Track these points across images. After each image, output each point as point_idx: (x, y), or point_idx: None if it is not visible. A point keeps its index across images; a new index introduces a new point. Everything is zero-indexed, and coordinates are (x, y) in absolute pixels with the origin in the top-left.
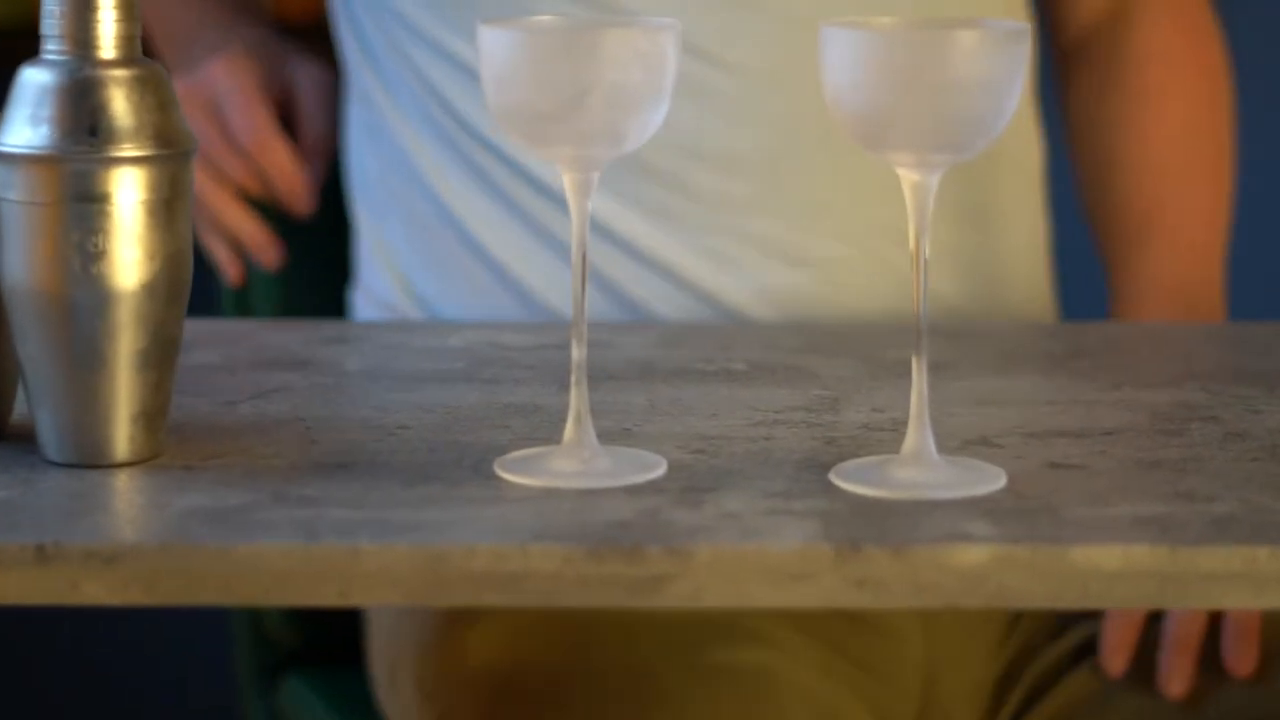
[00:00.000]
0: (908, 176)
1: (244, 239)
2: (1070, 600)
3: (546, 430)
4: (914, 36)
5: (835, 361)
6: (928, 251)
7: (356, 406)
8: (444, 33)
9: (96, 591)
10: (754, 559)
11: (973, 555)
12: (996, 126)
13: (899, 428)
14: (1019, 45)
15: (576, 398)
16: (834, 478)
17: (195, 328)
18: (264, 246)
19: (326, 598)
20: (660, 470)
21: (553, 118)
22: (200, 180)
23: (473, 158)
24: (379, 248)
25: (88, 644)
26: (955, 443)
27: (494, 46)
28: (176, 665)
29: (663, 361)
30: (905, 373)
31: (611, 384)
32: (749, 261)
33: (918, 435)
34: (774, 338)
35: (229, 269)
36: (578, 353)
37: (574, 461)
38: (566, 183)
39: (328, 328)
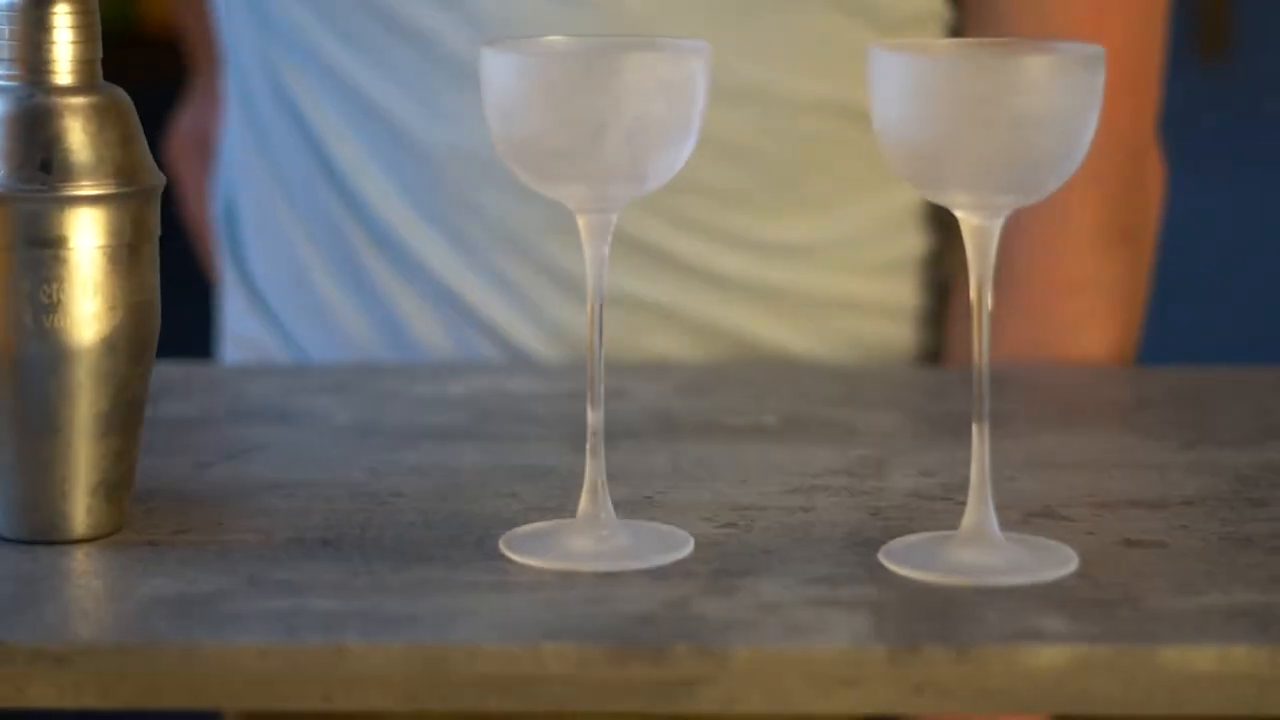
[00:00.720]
0: (967, 220)
1: None
2: (1160, 707)
3: (559, 497)
4: (976, 62)
5: (876, 415)
6: (987, 303)
7: (345, 468)
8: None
9: (45, 694)
10: (797, 661)
11: (1048, 657)
12: (1069, 165)
13: (952, 495)
14: (1094, 74)
15: (592, 468)
16: (884, 559)
17: (168, 373)
18: None
19: (308, 702)
20: (687, 549)
21: (566, 154)
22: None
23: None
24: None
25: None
26: (1016, 514)
27: (499, 72)
28: None
29: (686, 414)
30: (954, 427)
31: (630, 442)
32: (540, 295)
33: (978, 511)
34: (806, 385)
35: None
36: (593, 417)
37: (590, 539)
38: (581, 225)
39: (315, 374)
